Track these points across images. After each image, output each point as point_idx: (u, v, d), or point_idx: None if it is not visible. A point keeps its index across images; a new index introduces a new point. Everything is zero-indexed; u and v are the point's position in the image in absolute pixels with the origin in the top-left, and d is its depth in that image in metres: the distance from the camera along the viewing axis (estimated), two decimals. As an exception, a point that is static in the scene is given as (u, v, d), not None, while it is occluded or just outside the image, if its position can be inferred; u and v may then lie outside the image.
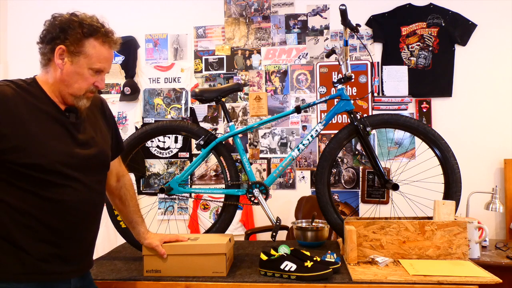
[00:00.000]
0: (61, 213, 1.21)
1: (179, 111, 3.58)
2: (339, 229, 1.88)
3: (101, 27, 1.26)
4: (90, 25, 1.24)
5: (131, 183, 1.61)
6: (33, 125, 1.18)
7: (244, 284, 1.51)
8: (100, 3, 3.66)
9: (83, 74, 1.24)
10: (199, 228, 3.39)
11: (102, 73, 1.29)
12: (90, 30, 1.24)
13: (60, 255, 1.23)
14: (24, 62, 3.71)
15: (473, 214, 2.89)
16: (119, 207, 1.59)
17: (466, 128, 3.25)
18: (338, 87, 1.98)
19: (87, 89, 1.27)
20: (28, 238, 1.18)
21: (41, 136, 1.18)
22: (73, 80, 1.24)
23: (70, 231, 1.24)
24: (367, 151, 1.94)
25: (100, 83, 1.29)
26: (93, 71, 1.25)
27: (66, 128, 1.26)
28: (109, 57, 1.29)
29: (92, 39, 1.24)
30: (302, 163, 3.43)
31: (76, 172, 1.24)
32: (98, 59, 1.25)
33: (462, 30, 3.27)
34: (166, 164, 3.59)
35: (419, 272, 1.50)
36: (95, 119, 1.39)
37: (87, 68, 1.24)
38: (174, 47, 3.62)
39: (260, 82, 3.50)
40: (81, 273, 1.32)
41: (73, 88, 1.25)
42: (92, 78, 1.27)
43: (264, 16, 3.51)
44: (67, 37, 1.23)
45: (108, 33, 1.27)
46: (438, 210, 1.74)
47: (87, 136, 1.31)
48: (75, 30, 1.23)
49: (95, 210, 1.34)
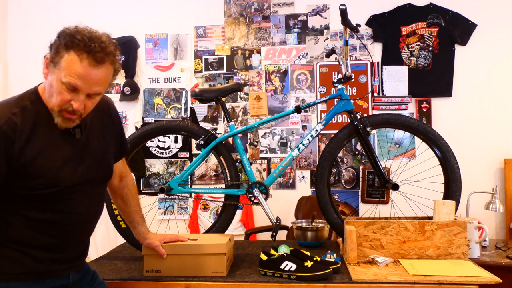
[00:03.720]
0: (61, 224, 1.24)
1: (179, 111, 3.58)
2: (339, 229, 1.88)
3: (85, 41, 1.12)
4: (73, 37, 1.12)
5: (134, 183, 1.61)
6: (38, 148, 1.17)
7: (244, 284, 1.51)
8: (100, 3, 3.66)
9: (56, 87, 1.15)
10: (199, 228, 3.39)
11: (79, 92, 1.14)
12: (72, 42, 1.12)
13: (58, 258, 1.26)
14: (24, 62, 3.72)
15: (473, 214, 2.89)
16: (120, 206, 1.60)
17: (466, 128, 3.25)
18: (338, 87, 1.98)
19: (61, 106, 1.16)
20: (26, 244, 1.20)
21: (46, 158, 1.18)
22: (49, 92, 1.17)
23: (68, 239, 1.27)
24: (367, 151, 1.94)
25: (76, 102, 1.15)
26: (66, 86, 1.13)
27: (71, 145, 1.24)
28: (85, 75, 1.13)
29: (72, 52, 1.12)
30: (302, 163, 3.43)
31: (78, 186, 1.25)
32: (68, 73, 1.12)
33: (462, 30, 3.27)
34: (166, 164, 3.59)
35: (419, 272, 1.50)
36: (100, 126, 1.36)
37: (60, 81, 1.13)
38: (174, 47, 3.62)
39: (260, 82, 3.50)
40: (79, 268, 1.35)
41: (50, 102, 1.18)
42: (66, 95, 1.14)
43: (264, 16, 3.51)
44: (52, 47, 1.16)
45: (91, 50, 1.12)
46: (438, 210, 1.74)
47: (92, 150, 1.30)
48: (59, 40, 1.14)
49: (94, 218, 1.37)
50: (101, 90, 1.20)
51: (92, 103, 1.22)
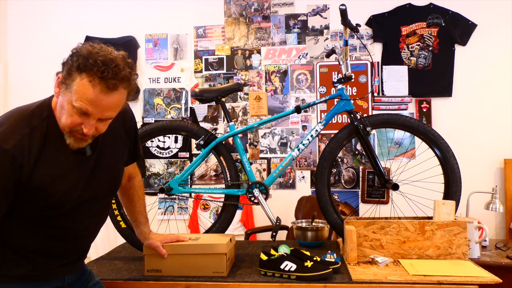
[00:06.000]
0: (64, 237, 1.24)
1: (179, 111, 3.58)
2: (339, 229, 1.88)
3: (99, 66, 1.06)
4: (86, 60, 1.07)
5: (142, 184, 1.61)
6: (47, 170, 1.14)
7: (244, 284, 1.51)
8: (100, 3, 3.66)
9: (67, 110, 1.11)
10: (199, 228, 3.39)
11: (90, 116, 1.11)
12: (85, 65, 1.07)
13: (57, 263, 1.26)
14: (24, 62, 3.72)
15: (473, 214, 2.89)
16: (125, 205, 1.61)
17: (466, 128, 3.25)
18: (338, 87, 1.97)
19: (72, 128, 1.13)
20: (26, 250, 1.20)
21: (55, 181, 1.15)
22: (60, 113, 1.14)
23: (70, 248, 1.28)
24: (367, 151, 1.94)
25: (86, 127, 1.12)
26: (77, 110, 1.09)
27: (81, 164, 1.22)
28: (96, 101, 1.08)
29: (84, 76, 1.07)
30: (302, 163, 3.43)
31: (86, 203, 1.24)
32: (79, 97, 1.08)
33: (462, 30, 3.27)
34: (166, 164, 3.59)
35: (419, 272, 1.50)
36: (112, 137, 1.32)
37: (70, 103, 1.10)
38: (174, 47, 3.62)
39: (260, 82, 3.50)
40: (76, 270, 1.35)
41: (61, 122, 1.14)
42: (77, 118, 1.11)
43: (264, 16, 3.51)
44: (64, 66, 1.11)
45: (104, 76, 1.07)
46: (438, 210, 1.74)
47: (103, 166, 1.28)
48: (72, 61, 1.09)
49: (97, 228, 1.37)
50: (113, 114, 1.16)
51: (104, 125, 1.18)
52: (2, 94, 3.69)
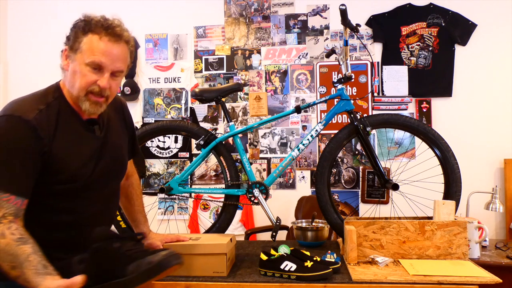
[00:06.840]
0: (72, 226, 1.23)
1: (179, 111, 3.58)
2: (339, 229, 1.88)
3: (101, 22, 1.19)
4: (88, 22, 1.19)
5: (139, 183, 1.63)
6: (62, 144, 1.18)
7: (244, 284, 1.51)
8: (100, 3, 3.66)
9: (80, 71, 1.18)
10: (199, 228, 3.39)
11: (104, 70, 1.19)
12: (89, 25, 1.19)
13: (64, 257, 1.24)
14: (24, 62, 3.72)
15: (473, 214, 2.89)
16: (124, 204, 1.60)
17: (466, 128, 3.24)
18: (338, 87, 1.98)
19: (87, 89, 1.19)
20: None
21: (70, 155, 1.20)
22: (74, 79, 1.19)
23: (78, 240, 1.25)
24: (367, 151, 1.94)
25: (102, 81, 1.19)
26: (90, 67, 1.17)
27: (92, 142, 1.27)
28: (107, 51, 1.18)
29: (90, 34, 1.18)
30: (302, 163, 3.43)
31: (95, 182, 1.26)
32: (91, 53, 1.17)
33: (462, 30, 3.27)
34: (166, 164, 3.59)
35: (419, 272, 1.50)
36: (116, 125, 1.40)
37: (83, 64, 1.17)
38: (174, 47, 3.62)
39: (260, 82, 3.50)
40: None
41: (75, 89, 1.20)
42: (92, 76, 1.18)
43: (264, 16, 3.51)
44: (69, 38, 1.21)
45: (108, 27, 1.19)
46: (438, 210, 1.74)
47: (110, 147, 1.33)
48: (75, 28, 1.20)
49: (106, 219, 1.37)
50: (123, 67, 1.25)
51: (116, 85, 1.25)
52: (2, 94, 3.69)
